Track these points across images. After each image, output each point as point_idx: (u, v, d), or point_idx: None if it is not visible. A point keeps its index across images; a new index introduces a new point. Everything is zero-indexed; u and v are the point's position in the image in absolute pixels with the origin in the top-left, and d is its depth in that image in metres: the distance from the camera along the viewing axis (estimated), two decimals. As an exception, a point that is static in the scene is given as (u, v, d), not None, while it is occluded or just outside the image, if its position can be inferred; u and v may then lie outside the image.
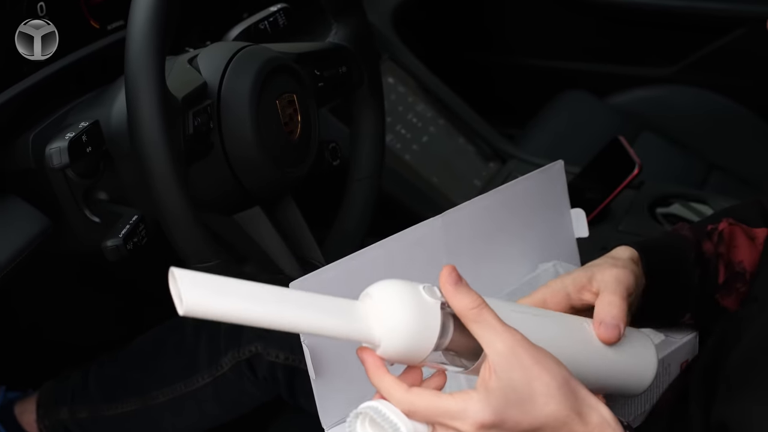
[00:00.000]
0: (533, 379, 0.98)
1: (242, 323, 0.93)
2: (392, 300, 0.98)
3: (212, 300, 0.90)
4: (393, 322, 0.97)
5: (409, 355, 0.99)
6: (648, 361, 1.22)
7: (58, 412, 1.93)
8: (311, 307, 0.97)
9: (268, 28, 1.59)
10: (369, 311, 0.98)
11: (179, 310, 0.89)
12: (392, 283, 1.00)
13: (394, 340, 0.98)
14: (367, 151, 1.63)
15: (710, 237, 1.35)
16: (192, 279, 0.89)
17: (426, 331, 0.99)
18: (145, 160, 1.24)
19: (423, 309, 0.99)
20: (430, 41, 2.71)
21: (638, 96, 2.68)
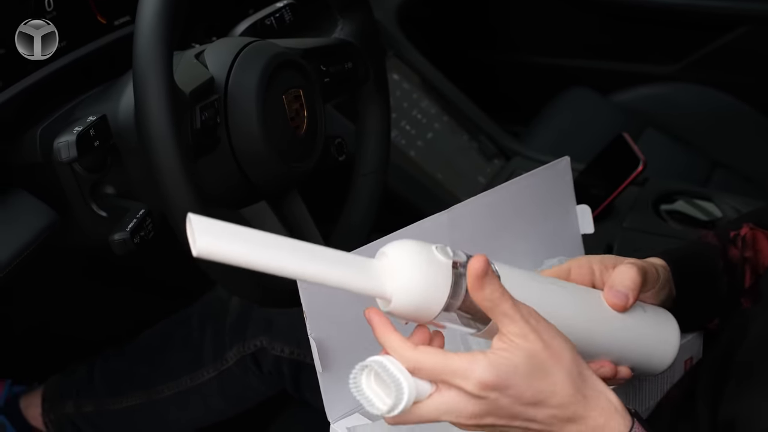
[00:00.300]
0: (544, 359, 0.99)
1: (254, 268, 0.93)
2: (405, 257, 0.99)
3: (225, 243, 0.92)
4: (404, 278, 0.99)
5: (420, 312, 1.01)
6: (670, 338, 1.22)
7: (64, 406, 1.94)
8: (326, 259, 0.98)
9: (274, 24, 1.59)
10: (383, 267, 1.00)
11: (193, 251, 0.91)
12: (406, 242, 1.01)
13: (405, 296, 0.99)
14: (372, 147, 1.63)
15: (735, 243, 1.36)
16: (207, 224, 0.91)
17: (437, 289, 1.00)
18: (153, 154, 1.24)
19: (434, 267, 1.00)
20: (435, 39, 2.71)
21: (642, 93, 2.68)
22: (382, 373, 0.98)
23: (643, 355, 1.20)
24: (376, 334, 1.01)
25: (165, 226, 1.34)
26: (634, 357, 1.20)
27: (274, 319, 1.72)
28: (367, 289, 1.00)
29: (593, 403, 1.01)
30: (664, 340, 1.22)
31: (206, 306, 1.84)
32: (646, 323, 1.20)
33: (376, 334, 1.01)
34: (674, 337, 1.22)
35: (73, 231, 1.42)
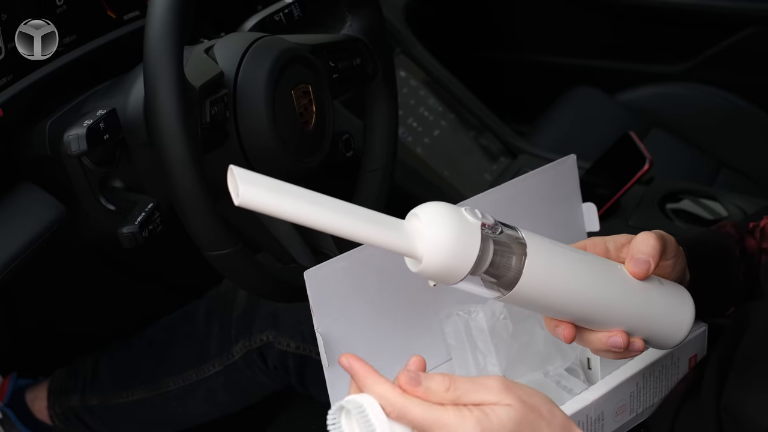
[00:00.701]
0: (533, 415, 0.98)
1: (291, 220, 0.95)
2: (436, 218, 1.01)
3: (265, 194, 0.93)
4: (436, 237, 1.00)
5: (449, 272, 1.02)
6: (685, 314, 1.22)
7: (69, 400, 1.94)
8: (361, 217, 0.99)
9: (283, 20, 1.59)
10: (414, 228, 1.01)
11: (235, 201, 0.93)
12: (437, 204, 1.02)
13: (436, 255, 1.01)
14: (380, 143, 1.64)
15: (753, 234, 1.37)
16: (249, 175, 0.93)
17: (466, 249, 1.02)
18: (163, 148, 1.24)
19: (465, 227, 1.02)
20: (442, 37, 2.71)
21: (648, 93, 2.68)
22: (358, 417, 0.97)
23: (657, 328, 1.20)
24: (359, 383, 1.00)
25: (173, 220, 1.34)
26: (649, 329, 1.19)
27: (281, 314, 1.72)
28: (400, 247, 1.01)
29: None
30: (679, 315, 1.21)
31: (212, 300, 1.85)
32: (663, 296, 1.20)
33: (360, 383, 1.00)
34: (689, 313, 1.22)
35: (82, 224, 1.43)
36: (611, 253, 1.22)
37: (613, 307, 1.15)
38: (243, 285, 1.39)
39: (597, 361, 1.34)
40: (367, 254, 1.27)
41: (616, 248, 1.22)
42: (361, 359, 1.00)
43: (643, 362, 1.31)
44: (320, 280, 1.23)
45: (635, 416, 1.33)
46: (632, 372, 1.30)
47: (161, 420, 1.90)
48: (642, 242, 1.19)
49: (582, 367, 1.37)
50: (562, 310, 1.14)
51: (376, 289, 1.28)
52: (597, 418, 1.27)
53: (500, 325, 1.35)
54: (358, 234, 0.98)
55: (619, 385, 1.28)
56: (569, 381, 1.36)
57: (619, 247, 1.22)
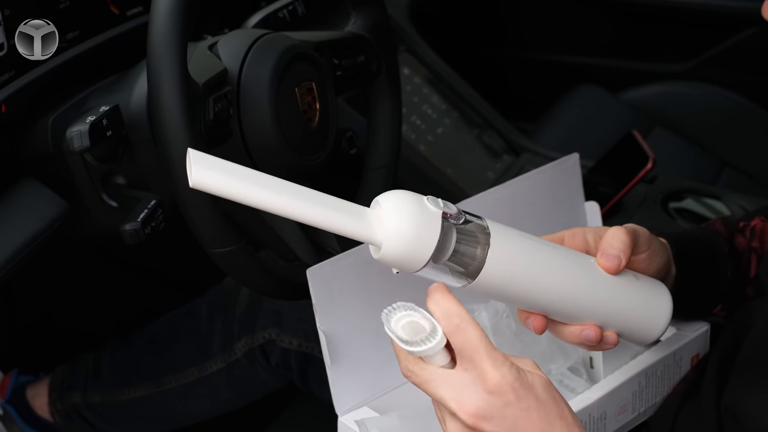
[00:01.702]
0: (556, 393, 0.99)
1: (247, 203, 0.97)
2: (397, 205, 1.02)
3: (220, 177, 0.95)
4: (396, 225, 1.01)
5: (408, 259, 1.03)
6: (661, 309, 1.22)
7: (71, 396, 1.94)
8: (321, 203, 1.00)
9: (287, 17, 1.59)
10: (375, 215, 1.03)
11: (189, 182, 0.94)
12: (399, 192, 1.04)
13: (395, 243, 1.02)
14: (383, 140, 1.63)
15: (743, 232, 1.37)
16: (206, 158, 0.95)
17: (426, 237, 1.02)
18: (166, 145, 1.24)
19: (425, 216, 1.02)
20: (445, 35, 2.71)
21: (652, 92, 2.68)
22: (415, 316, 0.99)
23: (632, 323, 1.20)
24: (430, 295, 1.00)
25: (176, 217, 1.34)
26: (623, 323, 1.20)
27: (283, 311, 1.72)
28: (358, 234, 1.02)
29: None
30: (655, 310, 1.22)
31: (215, 297, 1.84)
32: (637, 291, 1.20)
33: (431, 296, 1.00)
34: (666, 309, 1.22)
35: (84, 221, 1.43)
36: (590, 244, 1.22)
37: (583, 300, 1.16)
38: (246, 282, 1.39)
39: (600, 361, 1.34)
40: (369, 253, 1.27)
41: (595, 240, 1.22)
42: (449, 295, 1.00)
43: (646, 362, 1.31)
44: (323, 278, 1.23)
45: (637, 415, 1.33)
46: (635, 371, 1.30)
47: (163, 417, 1.90)
48: (612, 237, 1.19)
49: (585, 366, 1.37)
50: (529, 301, 1.14)
51: (379, 287, 1.27)
52: (599, 417, 1.27)
53: (503, 324, 1.34)
54: (318, 220, 1.00)
55: (621, 384, 1.28)
56: (572, 380, 1.36)
57: (598, 239, 1.22)
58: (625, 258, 1.17)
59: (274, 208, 0.98)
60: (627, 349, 1.35)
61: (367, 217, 1.02)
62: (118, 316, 2.18)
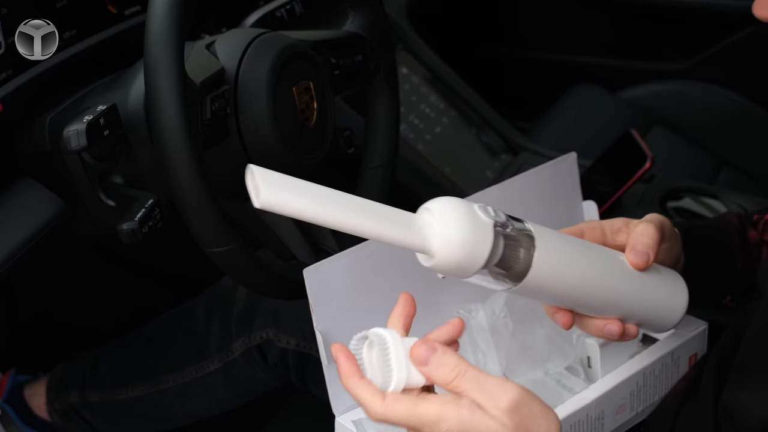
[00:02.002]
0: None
1: (309, 221, 0.98)
2: (450, 214, 1.02)
3: (285, 196, 0.95)
4: (450, 235, 1.02)
5: (461, 269, 1.04)
6: (679, 300, 1.24)
7: (69, 396, 1.94)
8: (375, 215, 1.00)
9: (284, 16, 1.59)
10: (427, 223, 1.03)
11: (255, 203, 0.93)
12: (451, 200, 1.04)
13: (449, 253, 1.02)
14: (381, 140, 1.63)
15: (755, 226, 1.37)
16: (269, 176, 0.94)
17: (479, 247, 1.04)
18: (163, 144, 1.24)
19: (478, 226, 1.03)
20: (444, 34, 2.71)
21: (650, 91, 2.68)
22: (380, 352, 0.99)
23: (652, 314, 1.23)
24: (342, 380, 1.00)
25: (173, 216, 1.34)
26: (644, 315, 1.22)
27: (281, 311, 1.72)
28: (414, 245, 1.02)
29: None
30: (674, 301, 1.24)
31: (212, 297, 1.84)
32: (659, 283, 1.22)
33: (343, 381, 1.00)
34: (683, 299, 1.24)
35: (81, 220, 1.43)
36: (608, 237, 1.23)
37: (613, 296, 1.17)
38: (243, 282, 1.39)
39: (597, 360, 1.34)
40: (367, 252, 1.27)
41: (612, 232, 1.24)
42: (348, 354, 1.01)
43: (644, 361, 1.31)
44: (320, 277, 1.23)
45: (635, 415, 1.33)
46: (633, 371, 1.30)
47: (161, 416, 1.90)
48: (642, 234, 1.20)
49: (582, 365, 1.37)
50: (565, 298, 1.15)
51: (376, 286, 1.27)
52: (597, 416, 1.27)
53: (500, 324, 1.34)
54: (376, 234, 1.00)
55: (619, 383, 1.28)
56: (569, 380, 1.36)
57: (615, 231, 1.24)
58: (653, 254, 1.19)
59: (333, 224, 0.99)
60: (625, 349, 1.35)
61: (421, 227, 1.03)
62: (117, 315, 2.18)
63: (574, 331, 1.36)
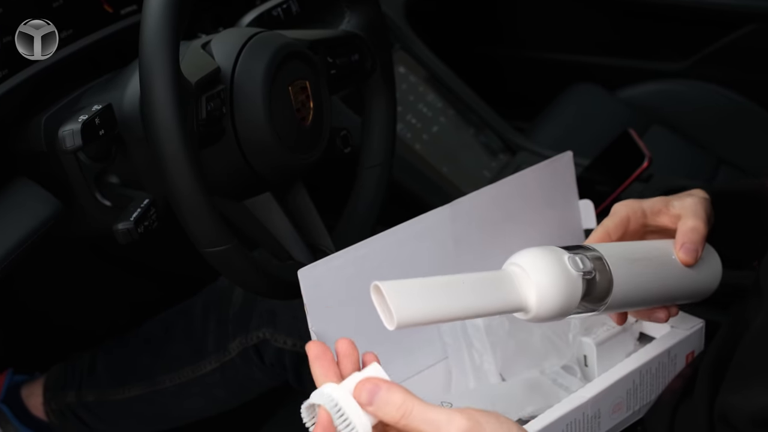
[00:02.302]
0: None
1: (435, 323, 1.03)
2: (545, 276, 1.08)
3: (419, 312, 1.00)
4: (546, 296, 1.08)
5: (555, 318, 1.11)
6: (715, 273, 1.31)
7: (65, 396, 1.94)
8: (480, 293, 1.06)
9: (281, 15, 1.59)
10: (523, 283, 1.08)
11: (388, 325, 0.99)
12: (541, 256, 1.10)
13: (547, 310, 1.08)
14: (378, 139, 1.63)
15: None
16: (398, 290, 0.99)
17: (572, 300, 1.10)
18: (158, 143, 1.24)
19: (570, 281, 1.10)
20: (441, 33, 2.71)
21: (648, 90, 2.68)
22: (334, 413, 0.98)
23: (693, 293, 1.29)
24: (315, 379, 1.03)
25: (169, 216, 1.34)
26: (687, 296, 1.28)
27: (278, 311, 1.72)
28: (513, 309, 1.09)
29: None
30: (711, 276, 1.30)
31: (209, 297, 1.84)
32: (701, 266, 1.28)
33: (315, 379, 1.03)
34: (718, 271, 1.31)
35: (77, 220, 1.43)
36: (648, 218, 1.29)
37: (668, 290, 1.25)
38: (239, 282, 1.38)
39: (594, 359, 1.34)
40: (362, 252, 1.27)
41: (652, 213, 1.29)
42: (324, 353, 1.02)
43: (640, 360, 1.31)
44: (315, 278, 1.23)
45: (632, 414, 1.33)
46: (629, 369, 1.30)
47: (157, 416, 1.90)
48: (692, 231, 1.25)
49: (578, 364, 1.37)
50: (630, 305, 1.23)
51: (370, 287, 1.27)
52: (593, 415, 1.27)
53: (496, 323, 1.34)
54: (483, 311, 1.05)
55: (615, 382, 1.28)
56: (565, 379, 1.36)
57: (656, 213, 1.29)
58: (702, 249, 1.24)
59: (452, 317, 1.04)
60: (621, 347, 1.35)
61: (517, 289, 1.08)
62: (113, 314, 2.18)
63: (571, 330, 1.36)
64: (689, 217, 1.26)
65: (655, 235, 1.31)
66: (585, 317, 1.19)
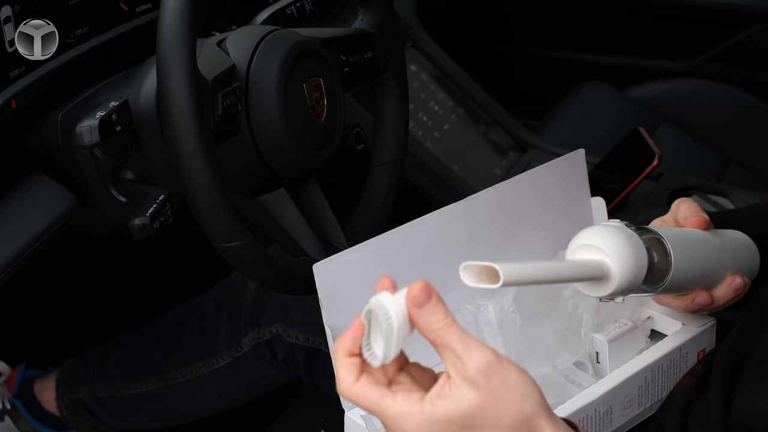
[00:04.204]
0: (487, 415, 0.94)
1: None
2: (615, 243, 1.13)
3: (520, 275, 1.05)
4: (624, 259, 1.12)
5: (630, 289, 1.15)
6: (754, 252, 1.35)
7: (78, 390, 1.95)
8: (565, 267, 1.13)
9: (294, 13, 1.60)
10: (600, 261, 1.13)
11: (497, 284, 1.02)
12: (609, 228, 1.15)
13: (627, 279, 1.13)
14: (390, 136, 1.64)
15: None
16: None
17: (642, 265, 1.15)
18: (175, 140, 1.25)
19: (638, 246, 1.15)
20: (452, 31, 2.72)
21: (658, 89, 2.68)
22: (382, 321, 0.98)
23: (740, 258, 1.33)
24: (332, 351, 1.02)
25: (184, 212, 1.35)
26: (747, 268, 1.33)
27: (290, 306, 1.73)
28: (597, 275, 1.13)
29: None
30: (754, 255, 1.35)
31: (221, 292, 1.85)
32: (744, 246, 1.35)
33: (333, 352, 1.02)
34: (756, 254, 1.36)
35: (93, 216, 1.43)
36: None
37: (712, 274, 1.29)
38: (253, 277, 1.39)
39: (606, 355, 1.34)
40: (376, 247, 1.27)
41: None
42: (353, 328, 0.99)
43: (652, 356, 1.31)
44: (329, 273, 1.23)
45: (643, 410, 1.33)
46: (641, 366, 1.30)
47: (169, 411, 1.91)
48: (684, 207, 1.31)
49: (591, 360, 1.37)
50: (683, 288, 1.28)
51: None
52: (605, 411, 1.27)
53: (509, 319, 1.35)
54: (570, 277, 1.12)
55: (627, 379, 1.29)
56: (577, 375, 1.36)
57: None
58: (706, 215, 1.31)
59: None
60: (633, 344, 1.36)
61: (596, 262, 1.13)
62: (126, 310, 2.19)
63: (583, 327, 1.37)
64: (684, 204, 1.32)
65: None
66: (594, 301, 1.24)
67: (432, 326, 0.96)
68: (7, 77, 1.34)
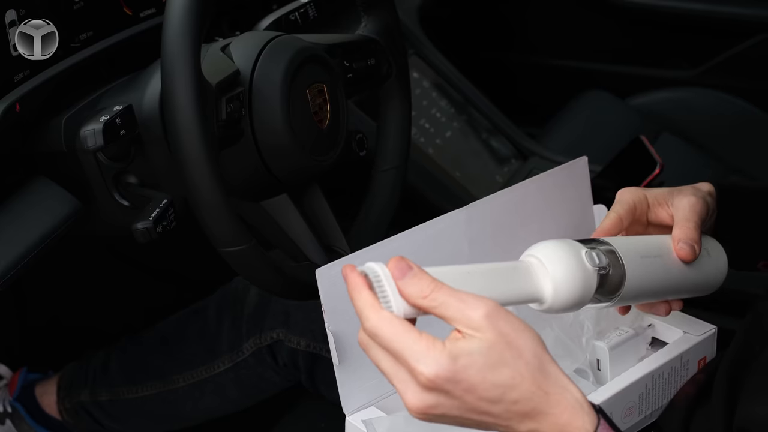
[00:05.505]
0: (502, 351, 0.97)
1: None
2: (563, 267, 1.10)
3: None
4: (562, 287, 1.10)
5: (568, 310, 1.13)
6: (720, 268, 1.32)
7: (79, 394, 1.95)
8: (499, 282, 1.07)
9: (298, 20, 1.60)
10: (539, 274, 1.10)
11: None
12: (560, 250, 1.11)
13: (562, 302, 1.11)
14: (393, 142, 1.64)
15: None
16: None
17: (586, 293, 1.13)
18: (179, 144, 1.25)
19: (586, 275, 1.12)
20: (454, 39, 2.72)
21: (659, 97, 2.68)
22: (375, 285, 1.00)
23: (697, 287, 1.30)
24: (349, 291, 1.00)
25: (187, 216, 1.35)
26: (691, 291, 1.30)
27: (292, 311, 1.73)
28: (528, 299, 1.10)
29: (555, 399, 0.99)
30: (717, 271, 1.31)
31: (223, 297, 1.85)
32: (704, 260, 1.29)
33: (349, 289, 1.00)
34: (724, 265, 1.32)
35: (96, 220, 1.43)
36: (650, 208, 1.31)
37: (671, 284, 1.26)
38: (256, 282, 1.40)
39: (606, 362, 1.35)
40: (378, 253, 1.27)
41: (655, 204, 1.31)
42: (355, 271, 1.00)
43: (653, 364, 1.32)
44: (332, 278, 1.23)
45: (644, 418, 1.33)
46: (642, 374, 1.30)
47: (170, 415, 1.91)
48: (685, 228, 1.26)
49: (591, 368, 1.37)
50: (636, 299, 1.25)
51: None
52: (606, 419, 1.27)
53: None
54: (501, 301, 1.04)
55: (628, 386, 1.29)
56: (578, 382, 1.36)
57: (658, 203, 1.31)
58: (698, 246, 1.25)
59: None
60: (634, 352, 1.36)
61: (533, 279, 1.10)
62: (128, 314, 2.19)
63: (584, 334, 1.37)
64: (683, 219, 1.27)
65: (655, 230, 1.32)
66: (595, 310, 1.22)
67: (422, 292, 0.98)
68: (11, 81, 1.34)
